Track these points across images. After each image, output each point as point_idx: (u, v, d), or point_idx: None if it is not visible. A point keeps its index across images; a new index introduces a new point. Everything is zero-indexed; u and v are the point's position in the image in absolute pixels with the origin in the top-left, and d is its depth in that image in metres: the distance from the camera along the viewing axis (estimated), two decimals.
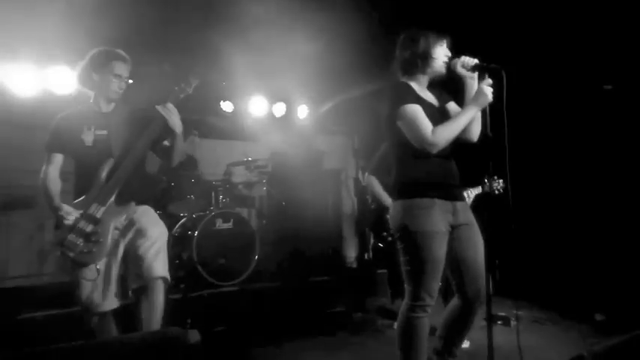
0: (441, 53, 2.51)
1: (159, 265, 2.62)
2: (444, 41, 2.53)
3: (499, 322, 4.03)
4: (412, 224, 2.39)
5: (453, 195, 2.50)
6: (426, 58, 2.49)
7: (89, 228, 2.55)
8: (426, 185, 2.42)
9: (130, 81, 2.83)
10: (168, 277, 2.68)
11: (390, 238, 3.87)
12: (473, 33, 4.54)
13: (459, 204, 2.52)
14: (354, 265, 6.40)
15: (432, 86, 2.64)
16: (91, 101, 2.80)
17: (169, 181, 4.91)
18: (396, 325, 4.03)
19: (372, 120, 6.14)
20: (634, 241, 4.22)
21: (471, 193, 3.64)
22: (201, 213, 4.89)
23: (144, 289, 2.59)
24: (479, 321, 3.98)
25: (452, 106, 2.65)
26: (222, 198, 5.08)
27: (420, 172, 2.44)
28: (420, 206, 2.40)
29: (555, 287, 4.57)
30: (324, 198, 6.61)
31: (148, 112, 2.75)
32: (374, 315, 4.57)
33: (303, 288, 4.84)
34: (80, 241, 2.54)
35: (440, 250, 2.40)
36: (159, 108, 2.65)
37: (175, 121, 2.67)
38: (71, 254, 2.53)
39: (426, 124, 2.36)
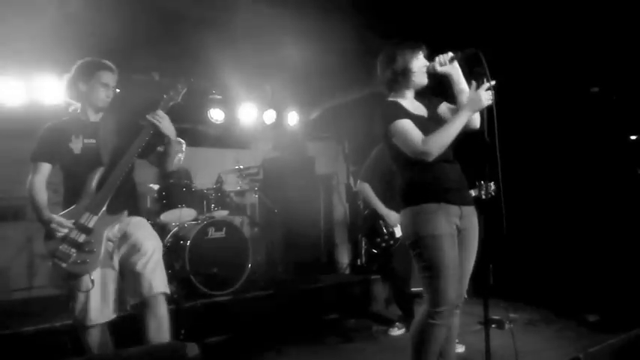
0: (419, 64, 2.56)
1: (158, 280, 2.60)
2: (420, 52, 2.58)
3: (493, 326, 4.04)
4: (422, 229, 2.42)
5: (459, 199, 2.53)
6: (406, 74, 2.55)
7: (82, 238, 2.51)
8: (430, 191, 2.46)
9: (117, 90, 2.82)
10: (168, 290, 2.67)
11: (383, 244, 3.87)
12: (459, 37, 4.58)
13: (465, 208, 2.55)
14: (347, 272, 6.40)
15: (421, 95, 2.68)
16: (79, 111, 2.79)
17: (160, 190, 4.88)
18: (391, 330, 4.06)
19: (362, 125, 6.17)
20: (625, 241, 4.26)
21: None
22: (193, 222, 4.86)
23: (144, 305, 2.56)
24: (473, 325, 4.01)
25: (442, 108, 2.69)
26: (214, 206, 5.05)
27: (424, 179, 2.48)
28: (428, 211, 2.44)
29: (548, 288, 4.59)
30: (316, 204, 6.60)
31: (136, 120, 2.75)
32: (368, 321, 4.57)
33: (297, 295, 4.82)
34: (73, 252, 2.49)
35: (452, 251, 2.43)
36: (149, 117, 2.64)
37: (167, 126, 2.66)
38: (64, 265, 2.48)
39: (416, 134, 2.41)
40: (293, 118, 6.59)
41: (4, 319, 3.94)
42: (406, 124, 2.44)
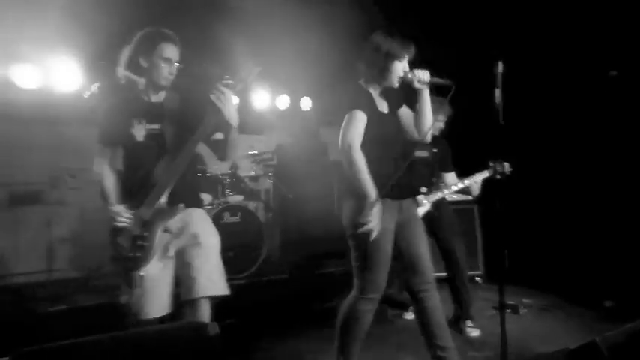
0: (398, 68, 2.58)
1: (213, 281, 2.43)
2: (406, 55, 2.59)
3: (508, 310, 4.04)
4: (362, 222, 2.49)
5: (400, 194, 2.65)
6: (383, 72, 2.58)
7: (136, 231, 2.38)
8: (378, 186, 2.50)
9: (179, 65, 2.53)
10: (226, 289, 2.48)
11: None
12: (478, 18, 4.54)
13: (404, 202, 2.68)
14: None
15: (388, 91, 2.73)
16: (141, 88, 2.51)
17: None
18: (406, 314, 4.07)
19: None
20: None
21: (477, 179, 3.63)
22: (209, 207, 4.90)
23: (191, 302, 2.40)
24: (487, 309, 4.01)
25: (403, 110, 2.78)
26: (229, 192, 5.09)
27: (374, 175, 2.51)
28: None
29: (563, 274, 4.57)
30: (330, 189, 6.61)
31: (201, 103, 2.48)
32: (384, 305, 4.57)
33: (311, 280, 4.85)
34: (127, 245, 2.38)
35: (387, 245, 2.56)
36: (213, 96, 2.36)
37: (231, 111, 2.37)
38: (120, 257, 2.39)
39: (357, 135, 2.50)
40: (306, 104, 6.58)
41: (27, 300, 4.03)
42: (360, 121, 2.51)
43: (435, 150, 3.81)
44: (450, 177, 3.84)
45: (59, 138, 5.11)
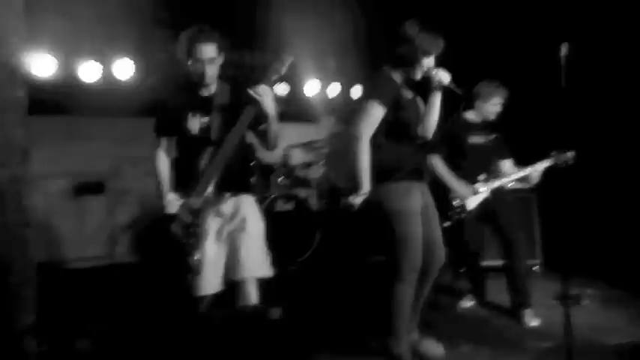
0: (425, 63, 2.66)
1: (259, 263, 2.61)
2: (435, 52, 2.66)
3: (569, 301, 3.90)
4: (395, 205, 2.67)
5: (423, 177, 2.87)
6: (414, 63, 2.67)
7: (188, 219, 2.53)
8: (404, 169, 2.68)
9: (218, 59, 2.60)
10: (270, 271, 2.65)
11: (455, 217, 3.79)
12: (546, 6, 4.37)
13: (424, 185, 2.88)
14: None
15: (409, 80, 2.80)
16: (196, 81, 2.62)
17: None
18: (461, 302, 4.01)
19: None
20: None
21: (538, 167, 3.52)
22: (262, 195, 4.97)
23: (238, 284, 2.55)
24: (548, 299, 3.89)
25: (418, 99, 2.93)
26: (282, 180, 5.14)
27: (399, 157, 2.71)
28: (402, 188, 2.69)
29: (630, 265, 4.37)
30: None
31: (243, 97, 2.55)
32: (436, 294, 4.52)
33: (364, 268, 4.84)
34: (180, 232, 2.53)
35: (419, 226, 2.71)
36: (251, 91, 2.47)
37: (268, 103, 2.49)
38: (174, 244, 2.54)
39: (370, 124, 2.62)
40: (357, 91, 6.54)
41: (90, 283, 4.22)
42: (376, 112, 2.62)
43: (492, 136, 3.71)
44: (508, 164, 3.74)
45: (120, 129, 5.31)
